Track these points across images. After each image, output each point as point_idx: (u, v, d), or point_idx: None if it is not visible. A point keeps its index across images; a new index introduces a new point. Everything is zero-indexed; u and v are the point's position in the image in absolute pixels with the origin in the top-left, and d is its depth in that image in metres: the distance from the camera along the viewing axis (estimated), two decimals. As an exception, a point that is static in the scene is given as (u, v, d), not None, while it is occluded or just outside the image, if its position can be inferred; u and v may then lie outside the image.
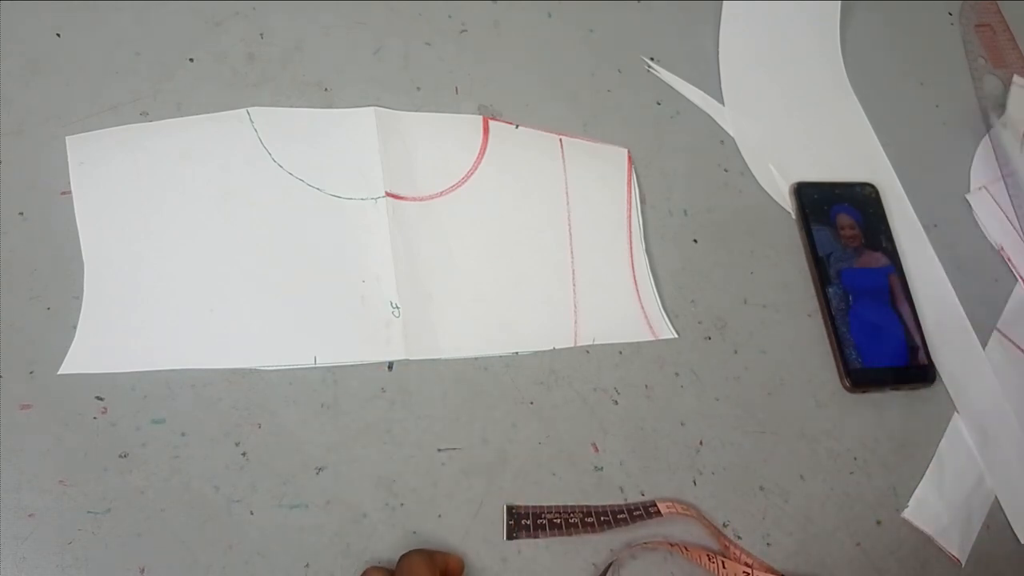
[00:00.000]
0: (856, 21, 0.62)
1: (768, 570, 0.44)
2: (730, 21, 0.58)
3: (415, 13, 0.51)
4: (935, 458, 0.50)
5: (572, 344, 0.47)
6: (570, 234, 0.49)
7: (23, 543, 0.37)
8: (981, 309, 0.55)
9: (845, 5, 0.61)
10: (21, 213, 0.41)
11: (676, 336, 0.49)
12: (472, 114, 0.50)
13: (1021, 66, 0.63)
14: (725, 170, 0.54)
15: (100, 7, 0.45)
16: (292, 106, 0.47)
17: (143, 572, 0.38)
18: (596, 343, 0.47)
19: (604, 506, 0.44)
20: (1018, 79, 0.62)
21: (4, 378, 0.39)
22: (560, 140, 0.51)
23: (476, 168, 0.49)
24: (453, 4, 0.52)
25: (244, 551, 0.39)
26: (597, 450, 0.45)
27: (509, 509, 0.43)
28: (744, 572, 0.43)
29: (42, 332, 0.40)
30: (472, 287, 0.47)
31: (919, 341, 0.51)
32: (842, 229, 0.54)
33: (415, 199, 0.47)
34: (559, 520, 0.43)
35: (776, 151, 0.56)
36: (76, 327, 0.40)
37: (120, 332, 0.41)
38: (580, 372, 0.47)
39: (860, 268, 0.53)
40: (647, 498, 0.45)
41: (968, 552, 0.48)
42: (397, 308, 0.44)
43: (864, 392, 0.50)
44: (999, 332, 0.55)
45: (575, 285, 0.48)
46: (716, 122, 0.55)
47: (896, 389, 0.51)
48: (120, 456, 0.39)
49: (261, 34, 0.48)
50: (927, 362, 0.51)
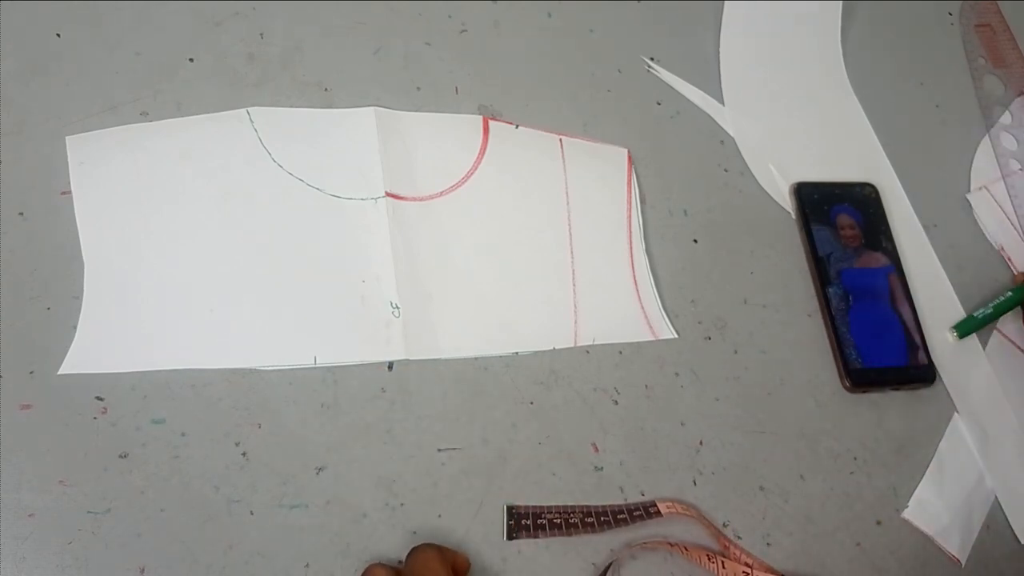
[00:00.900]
0: (856, 21, 0.62)
1: (768, 570, 0.44)
2: (730, 21, 0.58)
3: (415, 13, 0.51)
4: (935, 458, 0.50)
5: (572, 344, 0.47)
6: (570, 234, 0.49)
7: (23, 543, 0.37)
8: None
9: (845, 5, 0.61)
10: (21, 213, 0.41)
11: (676, 336, 0.49)
12: (472, 114, 0.50)
13: (1021, 66, 0.63)
14: (725, 170, 0.54)
15: (100, 7, 0.45)
16: (292, 106, 0.47)
17: (143, 572, 0.38)
18: (596, 343, 0.47)
19: (604, 506, 0.44)
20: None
21: (4, 378, 0.39)
22: (560, 140, 0.51)
23: (476, 168, 0.49)
24: (453, 4, 0.52)
25: (244, 551, 0.39)
26: (597, 450, 0.45)
27: (509, 509, 0.43)
28: (744, 572, 0.43)
29: (42, 332, 0.40)
30: (472, 287, 0.47)
31: (919, 341, 0.51)
32: (842, 229, 0.53)
33: (415, 199, 0.47)
34: (559, 520, 0.43)
35: (776, 151, 0.56)
36: (76, 327, 0.40)
37: (120, 332, 0.41)
38: (580, 372, 0.47)
39: (860, 268, 0.53)
40: (647, 498, 0.45)
41: (968, 552, 0.48)
42: (397, 308, 0.44)
43: (864, 392, 0.50)
44: (999, 332, 0.55)
45: (575, 285, 0.48)
46: (716, 122, 0.55)
47: (896, 389, 0.51)
48: (120, 456, 0.39)
49: (261, 34, 0.48)
50: (927, 362, 0.51)
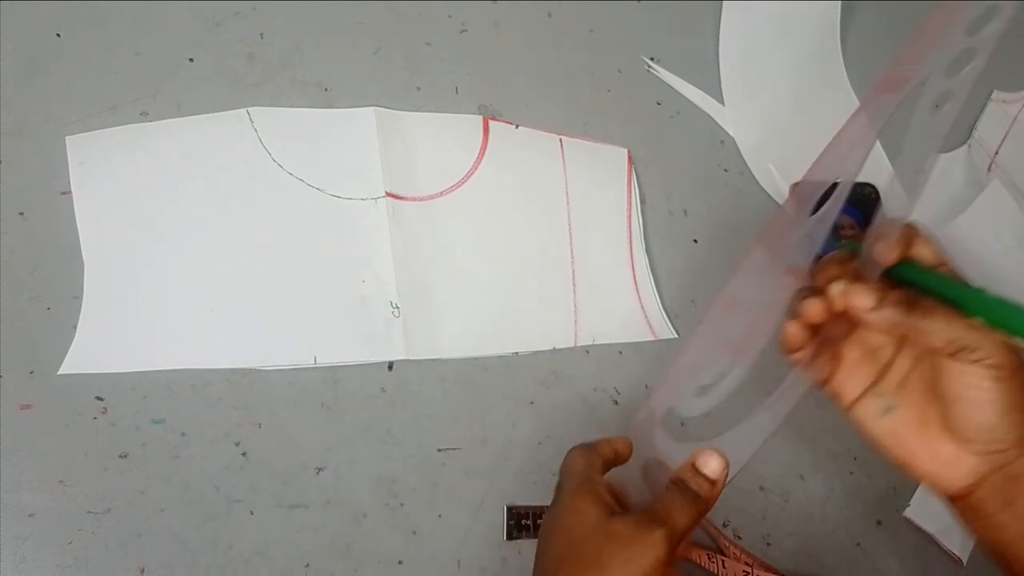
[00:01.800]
0: (856, 21, 0.62)
1: (768, 569, 0.44)
2: (730, 21, 0.58)
3: (415, 13, 0.51)
4: (935, 458, 0.50)
5: (572, 344, 0.47)
6: (570, 234, 0.49)
7: (23, 543, 0.37)
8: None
9: (845, 5, 0.60)
10: (21, 213, 0.41)
11: (676, 336, 0.49)
12: (472, 114, 0.50)
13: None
14: (725, 170, 0.54)
15: (100, 7, 0.45)
16: (292, 106, 0.47)
17: (143, 572, 0.38)
18: (596, 343, 0.47)
19: (604, 506, 0.44)
20: (997, 94, 0.62)
21: (4, 378, 0.39)
22: (560, 140, 0.51)
23: (476, 168, 0.49)
24: (453, 4, 0.52)
25: (244, 551, 0.39)
26: (597, 450, 0.45)
27: (509, 509, 0.43)
28: (744, 571, 0.43)
29: (42, 332, 0.40)
30: (472, 287, 0.47)
31: (919, 341, 0.51)
32: (842, 229, 0.53)
33: (415, 199, 0.47)
34: (559, 520, 0.43)
35: (776, 151, 0.56)
36: (76, 327, 0.40)
37: (120, 332, 0.41)
38: (580, 372, 0.47)
39: (860, 268, 0.52)
40: (647, 498, 0.44)
41: (969, 551, 0.48)
42: (397, 308, 0.44)
43: (864, 392, 0.50)
44: (999, 332, 0.55)
45: (575, 285, 0.48)
46: (716, 122, 0.55)
47: (896, 389, 0.51)
48: (120, 456, 0.39)
49: (261, 34, 0.48)
50: (927, 362, 0.51)
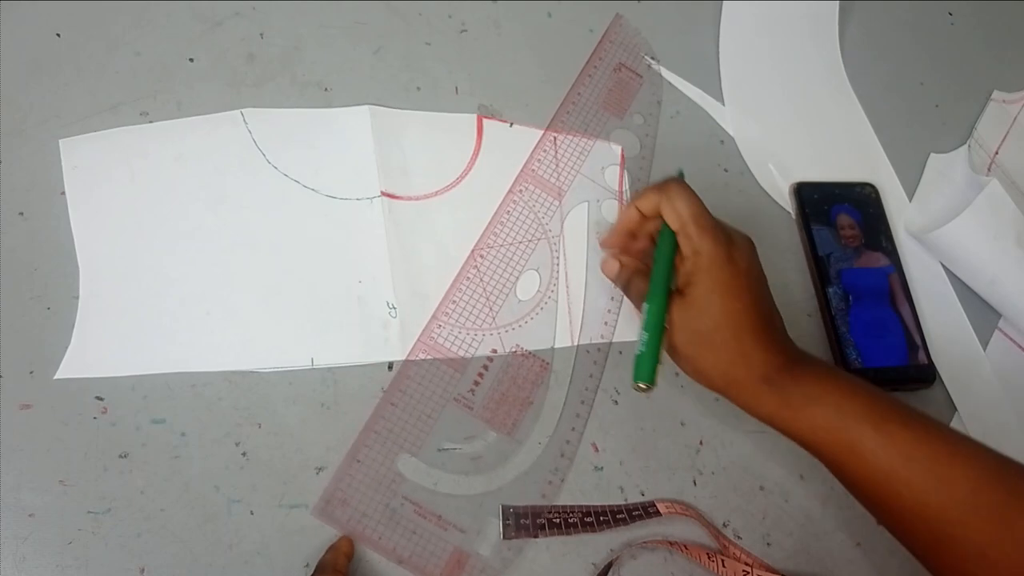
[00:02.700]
0: (856, 21, 0.62)
1: (768, 569, 0.44)
2: (730, 21, 0.58)
3: (415, 13, 0.51)
4: (935, 458, 0.50)
5: (569, 343, 0.47)
6: (563, 233, 0.49)
7: (23, 543, 0.37)
8: (981, 309, 0.55)
9: (844, 5, 0.60)
10: (21, 213, 0.41)
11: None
12: (470, 113, 0.50)
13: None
14: (725, 170, 0.54)
15: (100, 7, 0.45)
16: (293, 106, 0.47)
17: (143, 572, 0.38)
18: (593, 342, 0.47)
19: (604, 506, 0.44)
20: (997, 94, 0.62)
21: (4, 378, 0.39)
22: (554, 138, 0.51)
23: (471, 167, 0.49)
24: (453, 4, 0.52)
25: (244, 551, 0.39)
26: (597, 450, 0.45)
27: (508, 509, 0.43)
28: (744, 571, 0.43)
29: (42, 332, 0.40)
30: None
31: (919, 341, 0.51)
32: (842, 229, 0.53)
33: (410, 198, 0.47)
34: (558, 520, 0.43)
35: (776, 151, 0.56)
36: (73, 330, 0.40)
37: (116, 336, 0.41)
38: (580, 372, 0.47)
39: (860, 268, 0.53)
40: (647, 498, 0.44)
41: (968, 552, 0.48)
42: (394, 308, 0.44)
43: (864, 392, 0.50)
44: (1000, 332, 0.55)
45: (569, 285, 0.48)
46: (716, 122, 0.55)
47: (896, 389, 0.51)
48: (120, 456, 0.39)
49: (261, 34, 0.48)
50: (927, 362, 0.51)
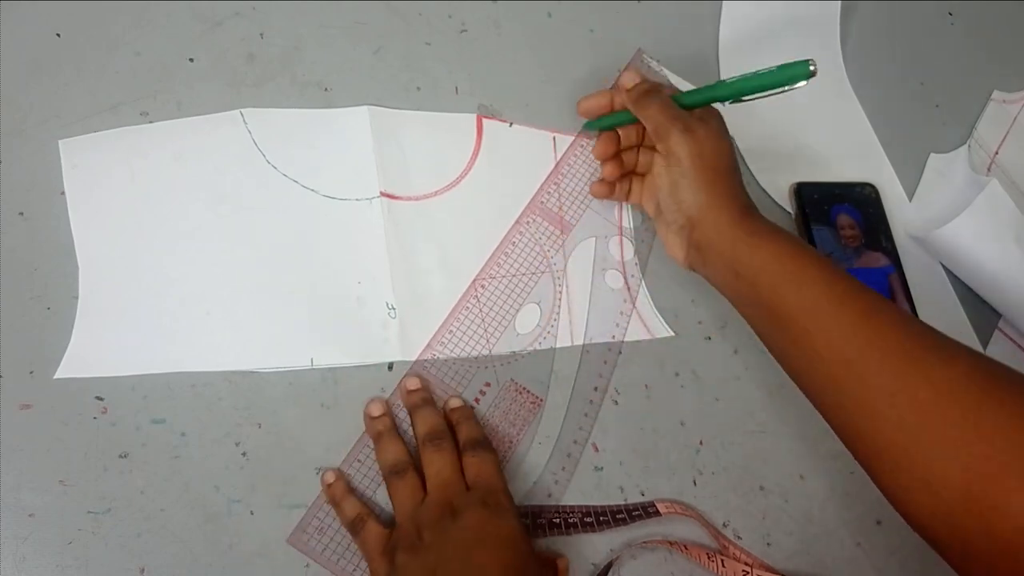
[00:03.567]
0: (856, 21, 0.62)
1: (768, 569, 0.44)
2: (730, 21, 0.58)
3: (415, 13, 0.51)
4: (935, 458, 0.50)
5: (569, 343, 0.47)
6: (562, 232, 0.49)
7: (23, 543, 0.37)
8: (981, 309, 0.55)
9: (845, 5, 0.60)
10: (21, 213, 0.41)
11: (672, 334, 0.49)
12: (470, 113, 0.50)
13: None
14: (725, 170, 0.54)
15: (100, 7, 0.45)
16: (293, 106, 0.47)
17: (143, 572, 0.38)
18: (593, 342, 0.47)
19: (604, 506, 0.44)
20: (997, 94, 0.62)
21: (4, 378, 0.39)
22: (553, 138, 0.51)
23: (471, 167, 0.49)
24: (453, 4, 0.52)
25: (244, 551, 0.39)
26: (597, 450, 0.45)
27: (509, 509, 0.43)
28: (744, 571, 0.43)
29: (42, 332, 0.40)
30: (468, 287, 0.47)
31: (919, 341, 0.51)
32: (842, 229, 0.53)
33: (410, 199, 0.47)
34: (559, 520, 0.43)
35: (776, 151, 0.56)
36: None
37: (116, 337, 0.41)
38: (580, 372, 0.47)
39: (860, 268, 0.53)
40: (647, 498, 0.45)
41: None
42: (393, 309, 0.44)
43: (864, 392, 0.50)
44: (1000, 332, 0.55)
45: (567, 285, 0.48)
46: (716, 122, 0.55)
47: (896, 389, 0.51)
48: (120, 456, 0.39)
49: (261, 34, 0.48)
50: (927, 362, 0.51)
